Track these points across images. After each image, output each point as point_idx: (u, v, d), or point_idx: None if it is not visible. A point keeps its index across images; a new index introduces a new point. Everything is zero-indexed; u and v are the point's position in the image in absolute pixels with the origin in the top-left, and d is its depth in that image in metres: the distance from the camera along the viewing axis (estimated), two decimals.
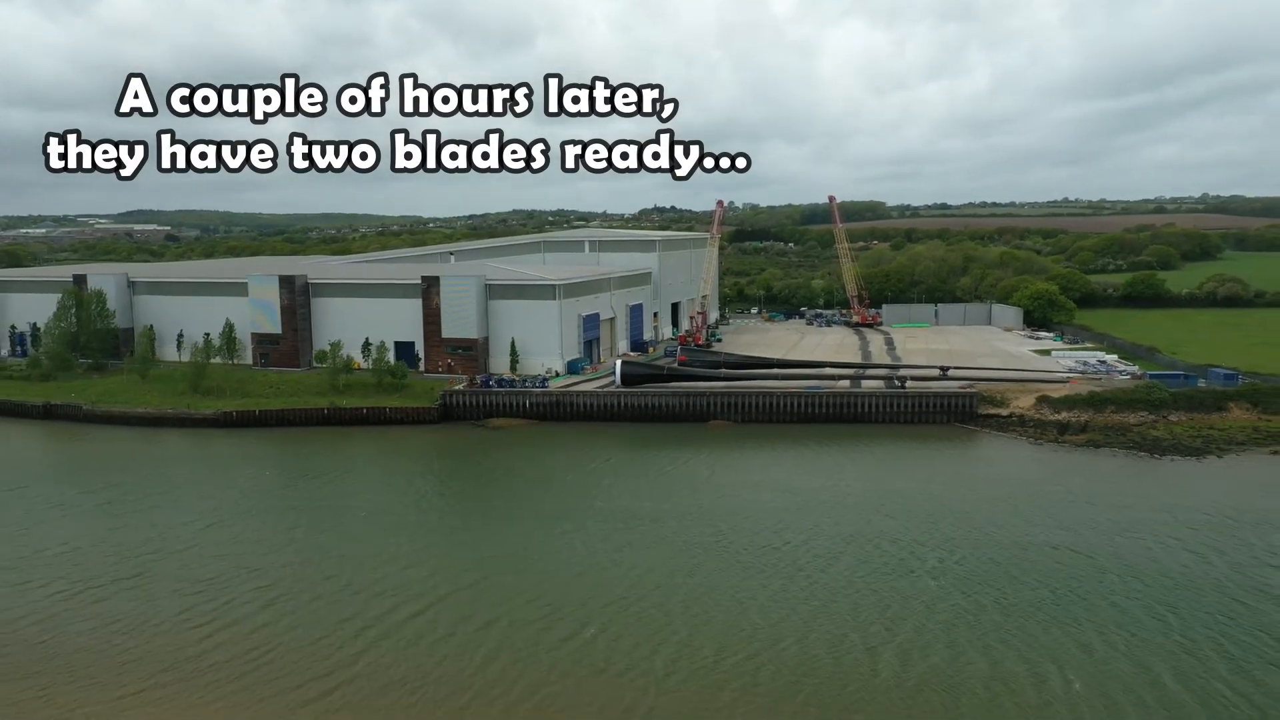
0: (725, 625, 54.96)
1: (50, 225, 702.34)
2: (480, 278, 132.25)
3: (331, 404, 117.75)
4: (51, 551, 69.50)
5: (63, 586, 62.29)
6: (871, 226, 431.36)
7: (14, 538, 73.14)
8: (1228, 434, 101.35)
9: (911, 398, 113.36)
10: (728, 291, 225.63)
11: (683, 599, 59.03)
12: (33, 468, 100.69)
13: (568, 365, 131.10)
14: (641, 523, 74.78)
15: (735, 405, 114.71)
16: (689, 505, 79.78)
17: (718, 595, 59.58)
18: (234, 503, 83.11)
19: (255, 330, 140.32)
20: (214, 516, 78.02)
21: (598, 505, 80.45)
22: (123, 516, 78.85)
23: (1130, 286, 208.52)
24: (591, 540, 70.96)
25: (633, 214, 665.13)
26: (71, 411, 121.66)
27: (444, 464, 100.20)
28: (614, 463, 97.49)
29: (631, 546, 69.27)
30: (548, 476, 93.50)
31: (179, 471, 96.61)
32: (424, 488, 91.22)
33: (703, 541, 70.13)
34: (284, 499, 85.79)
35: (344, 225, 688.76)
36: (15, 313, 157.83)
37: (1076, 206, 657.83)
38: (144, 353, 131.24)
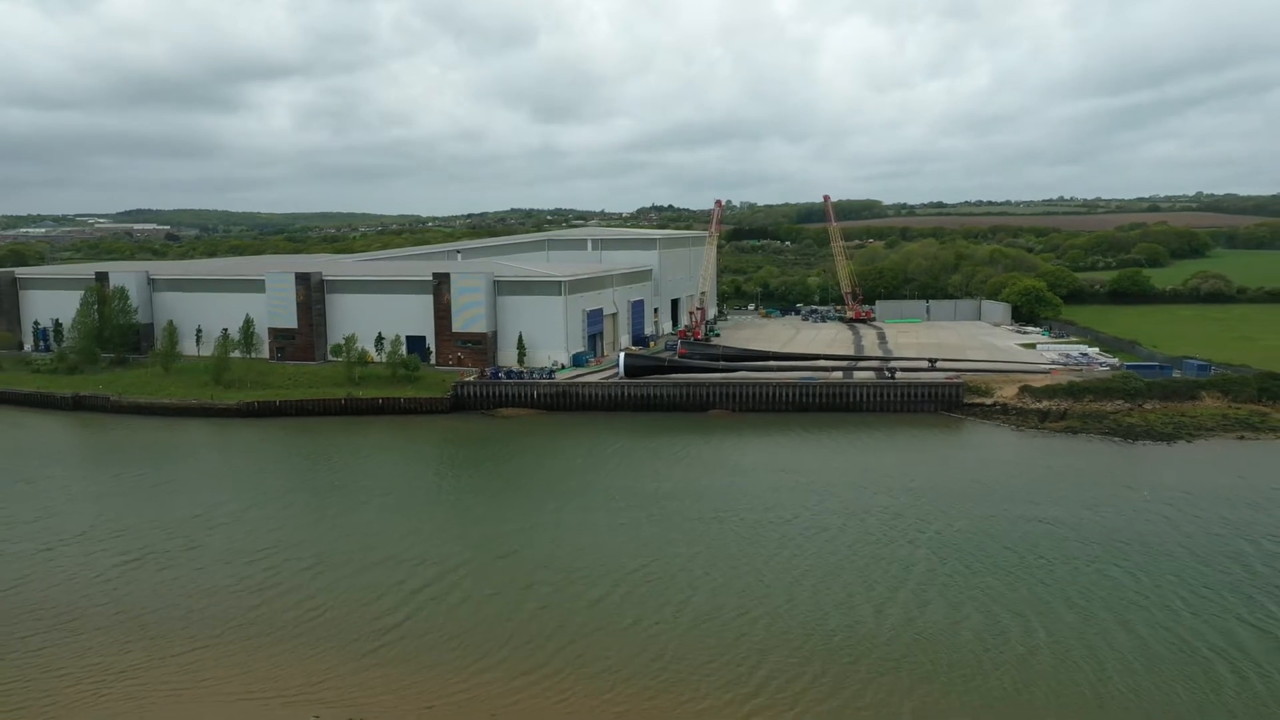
0: (744, 587, 60.78)
1: (50, 224, 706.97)
2: (489, 275, 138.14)
3: (349, 394, 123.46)
4: (107, 528, 75.16)
5: (125, 557, 68.02)
6: (867, 225, 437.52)
7: (70, 515, 78.82)
8: (1198, 420, 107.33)
9: (901, 388, 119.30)
10: (725, 288, 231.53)
11: (702, 565, 64.78)
12: (71, 454, 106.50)
13: (573, 358, 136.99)
14: (654, 500, 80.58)
15: (733, 395, 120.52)
16: (696, 485, 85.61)
17: (734, 562, 65.38)
18: (267, 485, 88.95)
19: (272, 325, 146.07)
20: (251, 498, 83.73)
21: (610, 485, 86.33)
22: (165, 498, 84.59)
23: (1116, 283, 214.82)
24: (610, 515, 76.77)
25: (630, 213, 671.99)
26: (99, 402, 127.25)
27: (461, 450, 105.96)
28: (621, 448, 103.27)
29: (650, 520, 75.00)
30: (560, 461, 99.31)
31: (209, 458, 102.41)
32: (446, 470, 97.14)
33: (712, 516, 75.96)
34: (314, 481, 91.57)
35: (343, 224, 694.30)
36: (38, 309, 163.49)
37: (1071, 205, 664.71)
38: (167, 346, 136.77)
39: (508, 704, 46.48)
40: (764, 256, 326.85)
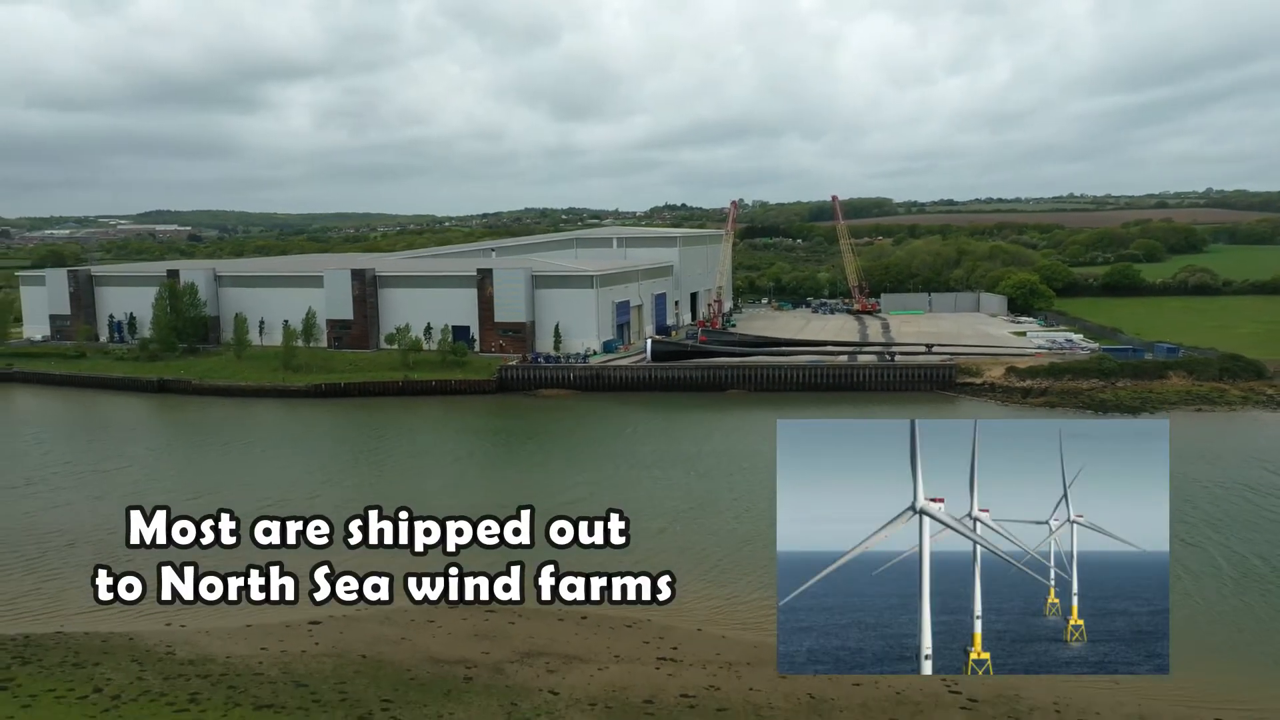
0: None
1: (73, 226, 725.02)
2: (527, 270, 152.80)
3: (405, 377, 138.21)
4: (239, 483, 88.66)
5: (265, 505, 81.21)
6: (876, 223, 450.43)
7: (202, 473, 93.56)
8: (1163, 396, 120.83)
9: (900, 369, 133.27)
10: (740, 283, 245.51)
11: (734, 512, 77.38)
12: (172, 429, 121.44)
13: (603, 345, 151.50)
14: (686, 460, 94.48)
15: (749, 376, 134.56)
16: (720, 448, 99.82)
17: (766, 507, 79.10)
18: (354, 451, 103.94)
19: (330, 316, 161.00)
20: (347, 460, 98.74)
21: (645, 450, 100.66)
22: (272, 460, 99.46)
23: (1108, 277, 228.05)
24: (660, 470, 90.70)
25: (644, 211, 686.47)
26: (181, 385, 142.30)
27: (512, 423, 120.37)
28: (654, 421, 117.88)
29: (686, 475, 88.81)
30: (606, 431, 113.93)
31: (294, 430, 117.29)
32: (504, 439, 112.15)
33: (741, 470, 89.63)
34: (392, 449, 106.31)
35: (360, 224, 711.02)
36: (113, 304, 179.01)
37: (1080, 202, 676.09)
38: (240, 335, 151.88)
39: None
40: (776, 253, 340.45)
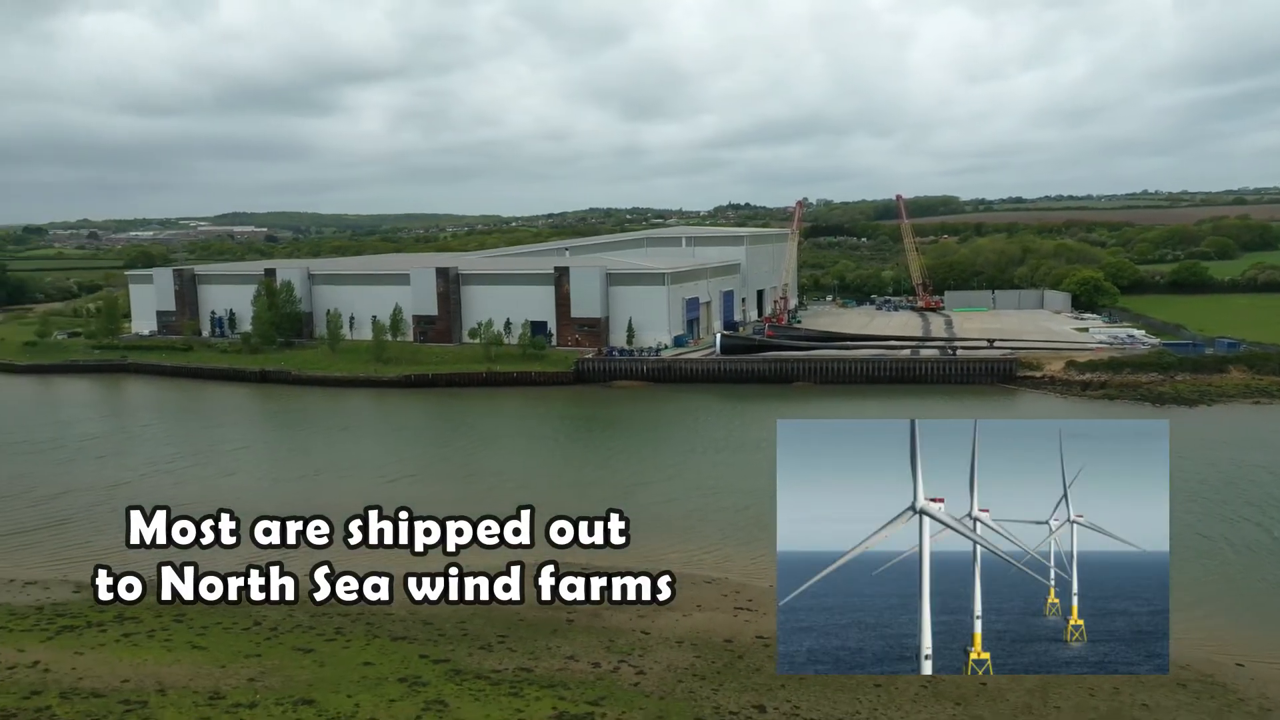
0: None
1: (156, 227, 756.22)
2: (602, 268, 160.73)
3: (488, 369, 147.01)
4: (354, 460, 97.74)
5: (384, 479, 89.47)
6: (943, 221, 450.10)
7: (318, 452, 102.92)
8: (1223, 389, 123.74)
9: (961, 363, 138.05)
10: (805, 282, 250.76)
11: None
12: (282, 416, 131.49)
13: (674, 339, 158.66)
14: (758, 446, 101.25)
15: (814, 369, 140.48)
16: None
17: None
18: (452, 435, 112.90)
19: (415, 312, 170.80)
20: (444, 443, 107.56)
21: (718, 436, 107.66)
22: (377, 442, 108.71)
23: (1175, 274, 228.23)
24: (738, 454, 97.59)
25: (708, 210, 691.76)
26: (282, 376, 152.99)
27: (594, 410, 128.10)
28: (726, 410, 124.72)
29: (760, 457, 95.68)
30: (683, 418, 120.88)
31: (393, 417, 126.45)
32: (587, 425, 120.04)
33: None
34: (486, 432, 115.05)
35: (429, 225, 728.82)
36: (214, 301, 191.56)
37: (1154, 199, 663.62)
38: (334, 330, 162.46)
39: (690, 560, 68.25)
40: (840, 252, 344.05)
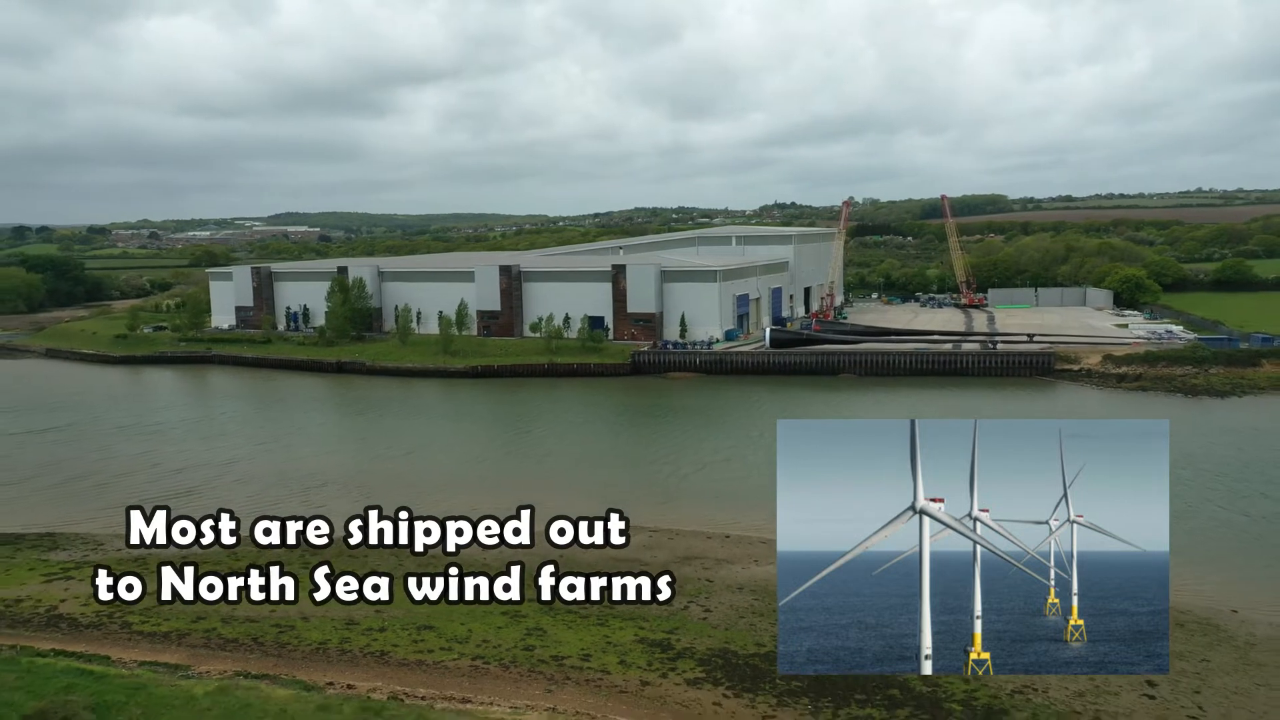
0: None
1: (212, 227, 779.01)
2: (657, 266, 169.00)
3: (550, 361, 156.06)
4: (439, 443, 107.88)
5: (466, 460, 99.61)
6: (989, 220, 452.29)
7: (406, 433, 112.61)
8: (1255, 382, 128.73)
9: (1001, 356, 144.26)
10: (850, 280, 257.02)
11: None
12: (362, 402, 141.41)
13: (725, 334, 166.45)
14: None
15: (860, 362, 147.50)
16: (849, 414, 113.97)
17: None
18: (525, 421, 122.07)
19: (479, 308, 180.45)
20: (515, 429, 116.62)
21: (770, 425, 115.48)
22: (454, 426, 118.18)
23: (1219, 272, 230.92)
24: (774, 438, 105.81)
25: (754, 210, 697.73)
26: (356, 367, 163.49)
27: (652, 399, 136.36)
28: (773, 399, 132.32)
29: None
30: (735, 407, 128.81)
31: (463, 405, 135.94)
32: (648, 412, 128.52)
33: None
34: (553, 418, 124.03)
35: (478, 225, 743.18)
36: (289, 297, 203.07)
37: (1207, 197, 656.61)
38: (404, 324, 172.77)
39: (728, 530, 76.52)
40: (886, 251, 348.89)
